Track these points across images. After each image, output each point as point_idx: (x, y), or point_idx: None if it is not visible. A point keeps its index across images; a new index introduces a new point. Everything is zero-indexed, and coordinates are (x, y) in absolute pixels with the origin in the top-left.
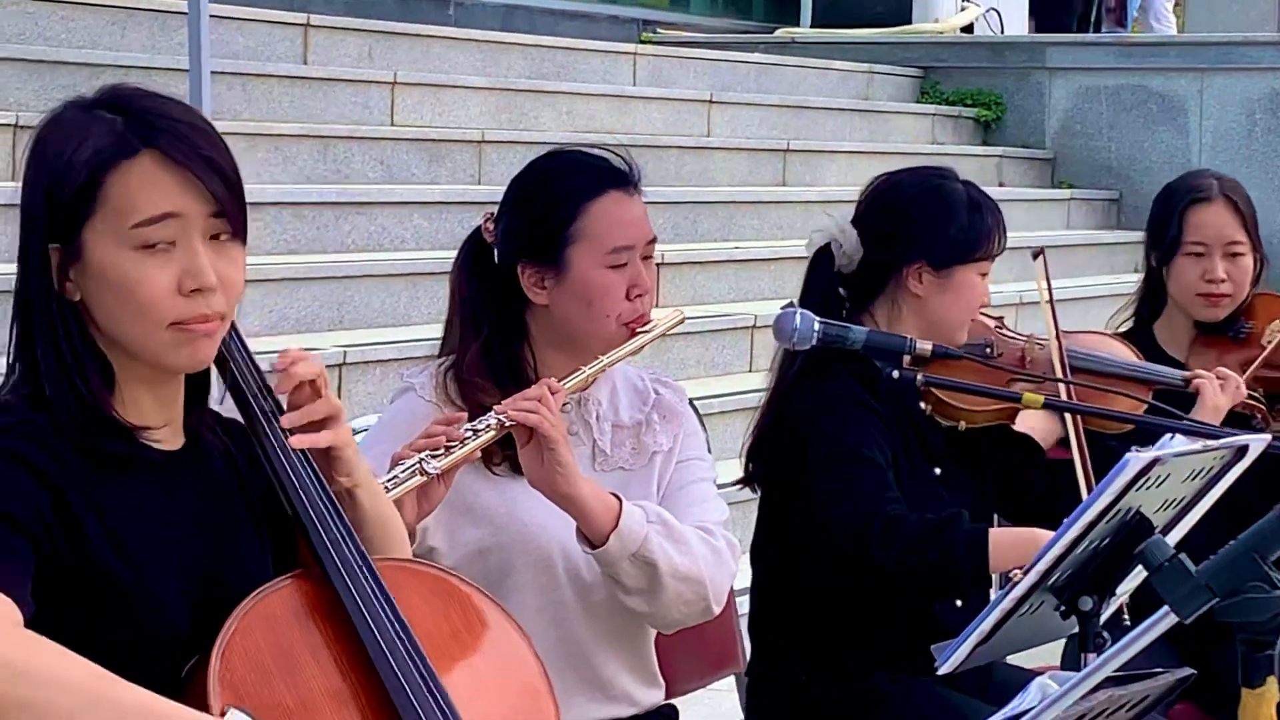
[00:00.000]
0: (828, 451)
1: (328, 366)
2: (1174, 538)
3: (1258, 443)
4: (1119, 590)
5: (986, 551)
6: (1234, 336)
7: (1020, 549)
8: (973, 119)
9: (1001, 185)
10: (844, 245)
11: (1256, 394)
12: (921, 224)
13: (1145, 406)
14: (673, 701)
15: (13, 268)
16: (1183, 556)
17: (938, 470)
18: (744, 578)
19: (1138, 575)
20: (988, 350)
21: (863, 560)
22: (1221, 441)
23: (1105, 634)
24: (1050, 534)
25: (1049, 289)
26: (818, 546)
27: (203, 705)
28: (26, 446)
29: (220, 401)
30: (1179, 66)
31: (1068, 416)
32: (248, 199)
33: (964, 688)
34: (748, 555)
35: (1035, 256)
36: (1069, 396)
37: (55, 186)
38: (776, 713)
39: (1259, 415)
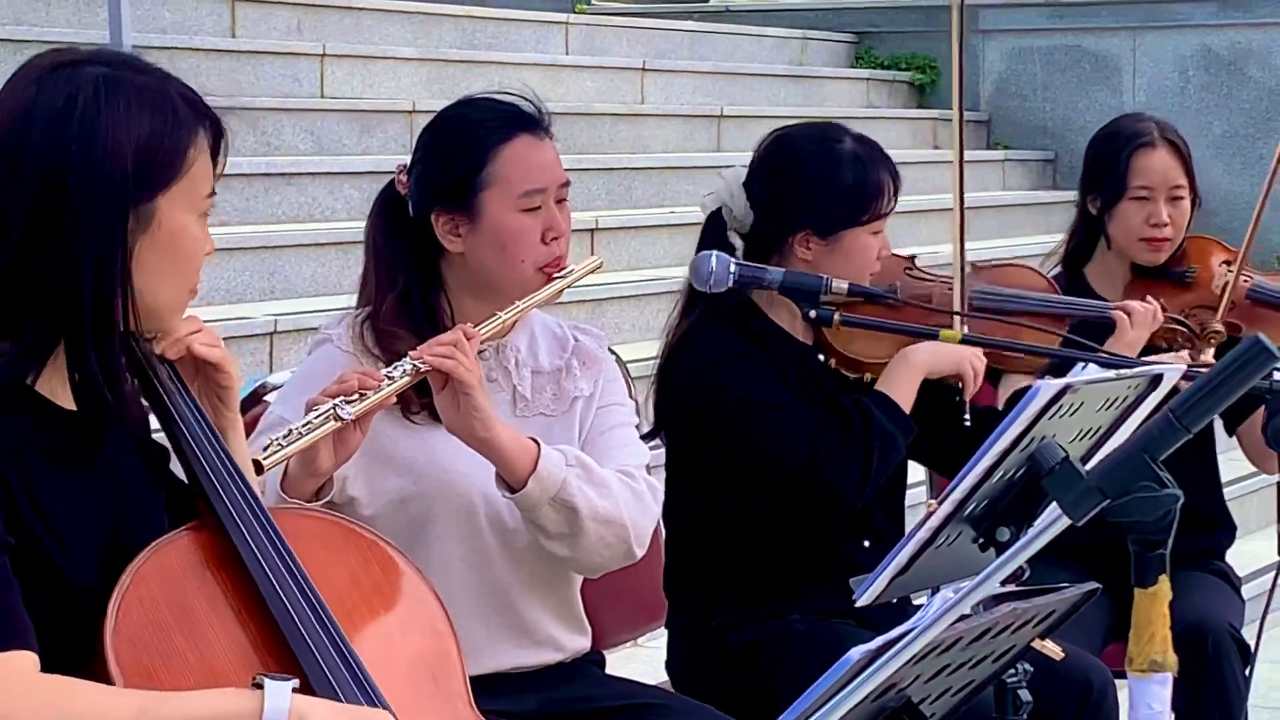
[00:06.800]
0: (740, 412)
1: (258, 335)
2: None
3: (1172, 372)
4: (1037, 522)
5: (905, 414)
6: (1174, 279)
7: (907, 382)
8: (907, 83)
9: (937, 148)
10: (734, 210)
11: (1182, 320)
12: (804, 191)
13: (1060, 341)
14: (601, 651)
15: None
16: (1074, 459)
17: None
18: None
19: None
20: (891, 293)
21: (829, 493)
22: (1135, 370)
23: (1025, 566)
24: (912, 349)
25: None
26: (741, 493)
27: (101, 660)
28: None
29: None
30: (1111, 26)
31: None
32: None
33: (881, 628)
34: None
35: None
36: (963, 328)
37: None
38: (694, 662)
39: (1180, 339)
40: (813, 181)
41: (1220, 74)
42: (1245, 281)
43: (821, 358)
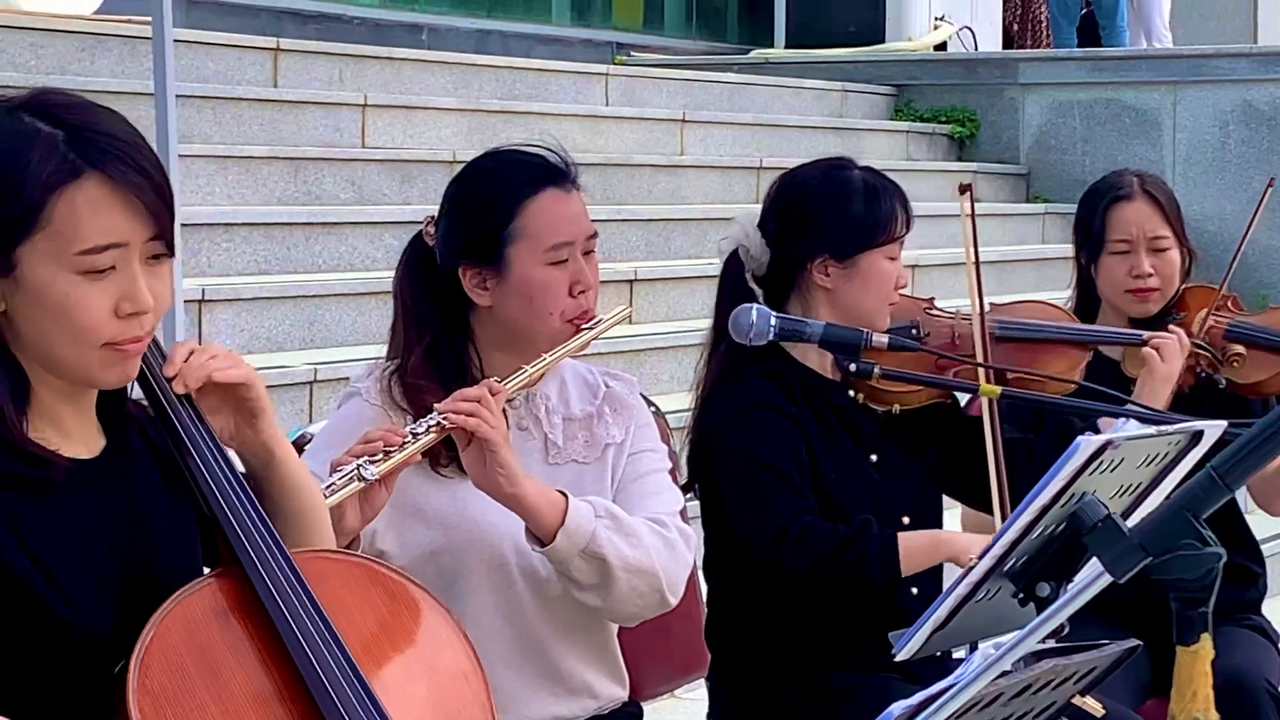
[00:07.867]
0: (734, 464)
1: (298, 385)
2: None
3: (1213, 429)
4: (1078, 578)
5: (897, 557)
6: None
7: (929, 552)
8: (947, 136)
9: (977, 201)
10: (750, 249)
11: (1203, 345)
12: (819, 217)
13: (1082, 366)
14: (641, 704)
15: None
16: (1116, 516)
17: (873, 457)
18: None
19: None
20: (913, 332)
21: (776, 571)
22: (1176, 427)
23: (1065, 622)
24: (954, 533)
25: (974, 235)
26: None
27: (124, 713)
28: None
29: (130, 393)
30: (1151, 80)
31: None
32: (219, 221)
33: (925, 681)
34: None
35: (962, 191)
36: (987, 377)
37: None
38: (736, 714)
39: (1202, 363)
40: (825, 206)
41: (1260, 129)
42: (1224, 321)
43: (851, 393)
